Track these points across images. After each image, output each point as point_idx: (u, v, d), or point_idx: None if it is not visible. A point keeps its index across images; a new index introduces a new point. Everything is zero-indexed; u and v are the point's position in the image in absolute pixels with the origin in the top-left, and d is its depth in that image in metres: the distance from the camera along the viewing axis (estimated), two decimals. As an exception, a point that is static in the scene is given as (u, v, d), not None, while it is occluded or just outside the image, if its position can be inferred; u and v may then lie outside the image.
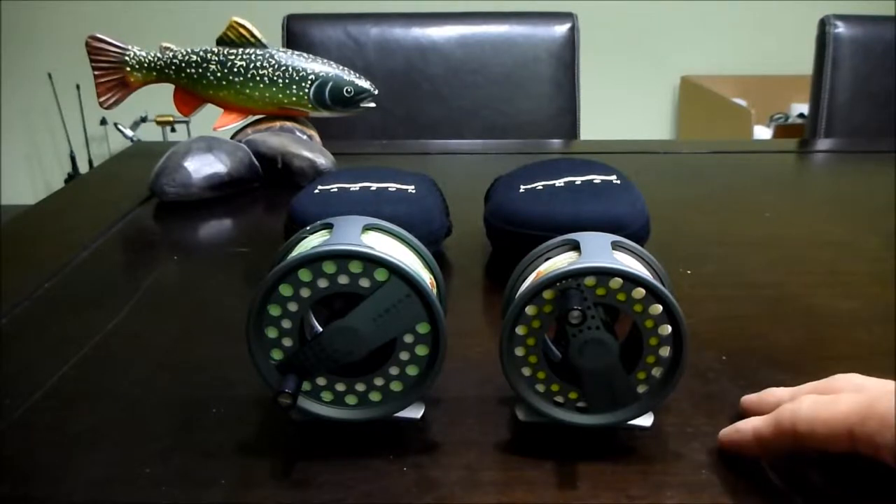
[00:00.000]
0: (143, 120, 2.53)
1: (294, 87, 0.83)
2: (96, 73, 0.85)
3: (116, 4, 2.62)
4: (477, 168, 0.92)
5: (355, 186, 0.60)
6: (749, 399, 0.40)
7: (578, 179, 0.59)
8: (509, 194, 0.59)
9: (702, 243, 0.66)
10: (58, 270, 0.60)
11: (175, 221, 0.72)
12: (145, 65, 0.84)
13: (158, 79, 0.85)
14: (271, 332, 0.36)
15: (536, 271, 0.39)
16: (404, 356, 0.37)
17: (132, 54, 0.84)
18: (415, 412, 0.38)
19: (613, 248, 0.38)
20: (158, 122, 2.45)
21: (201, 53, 0.83)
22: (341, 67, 0.84)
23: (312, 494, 0.35)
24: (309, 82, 0.83)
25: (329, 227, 0.39)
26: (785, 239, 0.66)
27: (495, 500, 0.34)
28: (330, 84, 0.83)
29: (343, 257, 0.35)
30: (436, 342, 0.36)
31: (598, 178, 0.59)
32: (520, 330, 0.36)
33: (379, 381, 0.37)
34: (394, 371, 0.37)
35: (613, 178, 0.60)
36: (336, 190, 0.60)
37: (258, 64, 0.82)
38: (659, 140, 1.77)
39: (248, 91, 0.83)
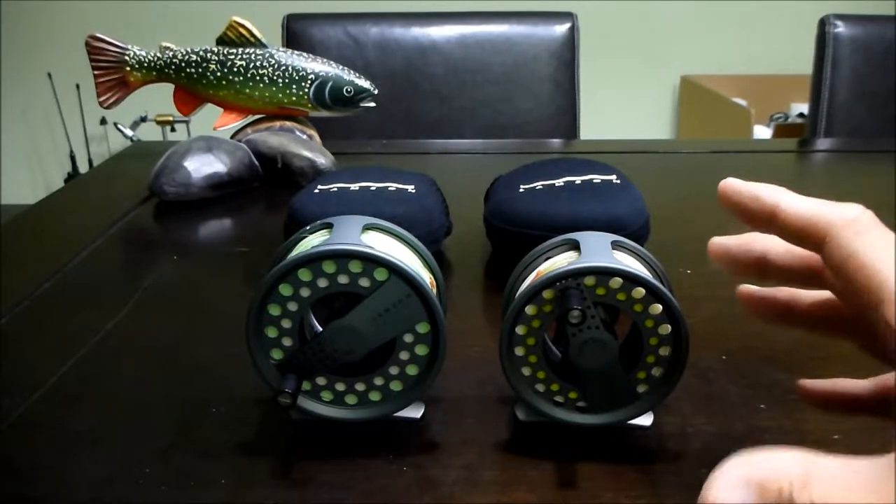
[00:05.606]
0: (143, 120, 2.53)
1: (294, 86, 0.83)
2: (96, 72, 0.85)
3: (116, 4, 2.63)
4: (477, 168, 0.91)
5: (355, 186, 0.60)
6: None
7: (578, 179, 0.59)
8: (509, 194, 0.59)
9: (702, 243, 0.65)
10: (58, 270, 0.60)
11: (175, 221, 0.72)
12: (145, 64, 0.84)
13: (158, 78, 0.85)
14: (271, 332, 0.36)
15: (536, 271, 0.39)
16: (404, 356, 0.37)
17: (132, 54, 0.84)
18: (415, 412, 0.38)
19: (613, 248, 0.38)
20: (158, 122, 2.46)
21: (201, 53, 0.83)
22: (341, 67, 0.84)
23: (312, 494, 0.35)
24: (309, 82, 0.83)
25: (329, 226, 0.39)
26: (785, 239, 0.66)
27: (495, 499, 0.34)
28: (330, 84, 0.83)
29: (343, 257, 0.35)
30: (436, 342, 0.36)
31: (597, 178, 0.59)
32: (520, 330, 0.36)
33: (379, 381, 0.37)
34: (394, 371, 0.37)
35: (613, 177, 0.60)
36: (336, 190, 0.60)
37: (258, 64, 0.82)
38: (658, 140, 1.77)
39: (247, 91, 0.83)
